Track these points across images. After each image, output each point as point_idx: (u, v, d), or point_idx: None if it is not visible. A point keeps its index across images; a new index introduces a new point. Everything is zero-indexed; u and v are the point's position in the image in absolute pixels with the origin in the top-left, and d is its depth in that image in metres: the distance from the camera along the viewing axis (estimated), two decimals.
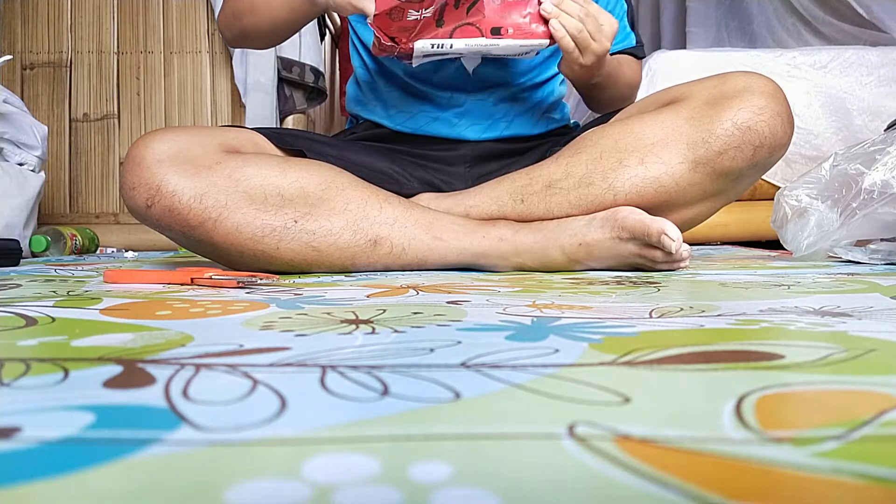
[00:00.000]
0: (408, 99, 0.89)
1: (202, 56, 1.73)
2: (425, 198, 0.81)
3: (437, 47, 0.72)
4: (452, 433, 0.17)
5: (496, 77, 0.89)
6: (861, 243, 0.78)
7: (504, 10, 0.72)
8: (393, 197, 0.73)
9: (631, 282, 0.59)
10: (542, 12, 0.72)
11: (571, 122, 1.00)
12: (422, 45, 0.72)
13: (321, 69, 1.68)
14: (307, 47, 1.65)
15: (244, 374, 0.23)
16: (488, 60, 0.87)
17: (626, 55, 0.92)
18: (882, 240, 0.76)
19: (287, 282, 0.60)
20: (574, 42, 0.73)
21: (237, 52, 1.64)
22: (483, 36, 0.72)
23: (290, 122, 1.67)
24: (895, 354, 0.26)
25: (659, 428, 0.17)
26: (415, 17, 0.71)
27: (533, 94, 0.92)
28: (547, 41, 0.73)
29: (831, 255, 0.80)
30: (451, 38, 0.72)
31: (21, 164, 1.22)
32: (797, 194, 0.82)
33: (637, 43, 0.94)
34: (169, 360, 0.26)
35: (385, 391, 0.21)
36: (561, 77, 0.97)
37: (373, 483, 0.14)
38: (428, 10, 0.71)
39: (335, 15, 1.79)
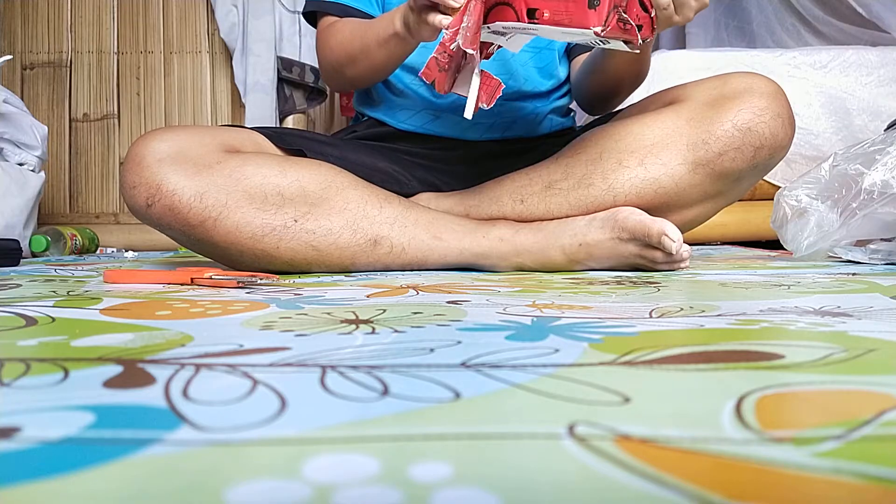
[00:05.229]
0: (411, 97, 0.89)
1: (202, 56, 1.73)
2: (425, 198, 0.81)
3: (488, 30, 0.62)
4: (452, 433, 0.17)
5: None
6: (861, 243, 0.78)
7: None
8: (393, 196, 0.73)
9: (631, 282, 0.59)
10: None
11: (576, 126, 1.00)
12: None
13: None
14: (307, 47, 1.65)
15: (244, 374, 0.23)
16: (493, 62, 0.86)
17: None
18: (882, 240, 0.76)
19: (287, 282, 0.60)
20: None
21: (237, 52, 1.64)
22: (519, 20, 0.60)
23: (290, 122, 1.67)
24: (895, 354, 0.26)
25: (659, 428, 0.17)
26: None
27: (537, 101, 0.92)
28: (593, 30, 0.57)
29: (831, 255, 0.80)
30: (486, 22, 0.61)
31: (21, 164, 1.22)
32: (797, 194, 0.82)
33: None
34: (169, 360, 0.26)
35: (385, 391, 0.21)
36: (569, 86, 0.96)
37: (373, 483, 0.14)
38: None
39: None
